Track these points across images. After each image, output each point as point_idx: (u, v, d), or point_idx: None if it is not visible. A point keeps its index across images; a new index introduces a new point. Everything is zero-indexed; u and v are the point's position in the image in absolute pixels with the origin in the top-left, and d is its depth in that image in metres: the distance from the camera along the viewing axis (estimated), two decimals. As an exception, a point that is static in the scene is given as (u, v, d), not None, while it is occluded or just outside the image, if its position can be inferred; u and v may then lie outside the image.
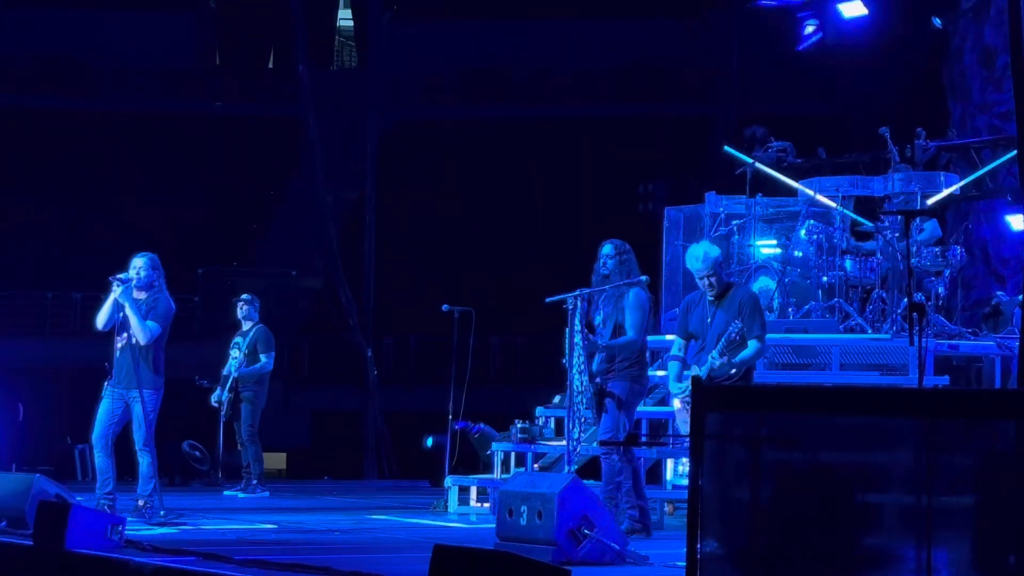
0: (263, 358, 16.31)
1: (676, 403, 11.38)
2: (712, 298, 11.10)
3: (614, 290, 11.31)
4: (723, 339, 10.84)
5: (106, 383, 12.51)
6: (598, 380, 11.29)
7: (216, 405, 16.33)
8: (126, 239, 16.72)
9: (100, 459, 12.47)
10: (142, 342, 12.27)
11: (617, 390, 11.28)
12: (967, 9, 21.37)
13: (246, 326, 16.50)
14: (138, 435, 12.36)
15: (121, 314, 12.30)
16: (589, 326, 11.46)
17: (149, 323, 12.32)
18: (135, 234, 20.80)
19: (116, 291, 12.30)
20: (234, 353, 16.36)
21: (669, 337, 11.83)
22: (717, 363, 10.82)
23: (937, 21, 20.97)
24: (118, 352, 12.41)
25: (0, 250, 28.63)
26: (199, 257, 28.22)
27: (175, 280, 12.84)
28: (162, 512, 12.40)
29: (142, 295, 12.45)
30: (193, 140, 31.82)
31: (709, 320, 11.08)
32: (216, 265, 29.10)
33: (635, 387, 11.38)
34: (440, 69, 32.97)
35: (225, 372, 16.36)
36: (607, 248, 11.46)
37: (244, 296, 16.78)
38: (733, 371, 10.88)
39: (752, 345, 10.94)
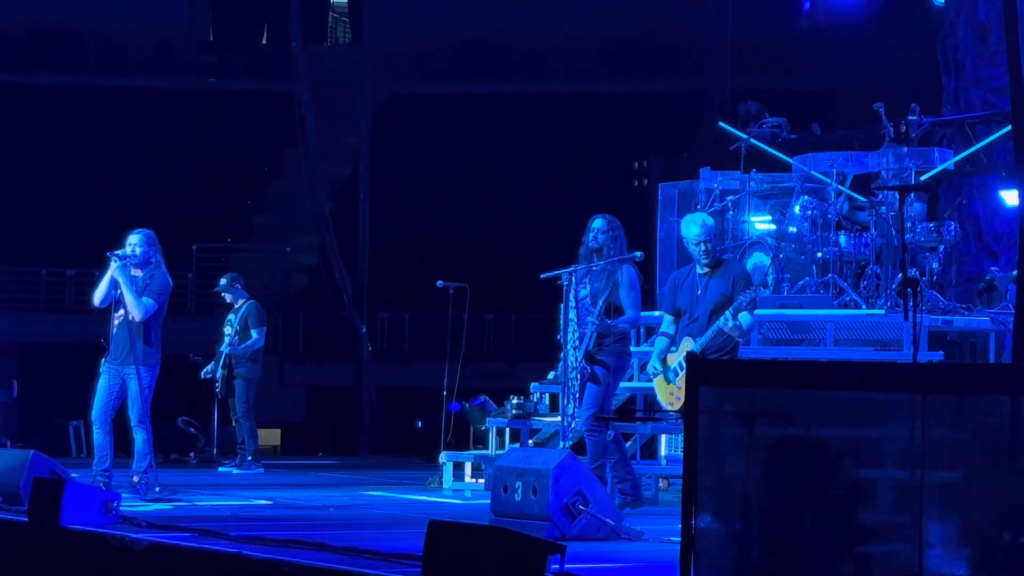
0: (254, 334, 16.32)
1: (656, 380, 11.42)
2: (705, 270, 11.11)
3: (607, 266, 11.30)
4: (732, 306, 10.83)
5: (103, 360, 12.52)
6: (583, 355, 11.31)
7: (206, 377, 16.37)
8: (120, 215, 16.71)
9: (99, 436, 12.48)
10: (137, 318, 12.26)
11: (605, 365, 11.29)
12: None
13: (238, 303, 16.53)
14: (133, 411, 12.37)
15: (118, 291, 12.30)
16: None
17: (145, 300, 12.32)
18: (129, 210, 20.80)
19: (113, 266, 12.30)
20: (227, 330, 16.39)
21: (658, 313, 11.84)
22: (731, 324, 10.79)
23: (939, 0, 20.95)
24: (115, 328, 12.41)
25: (10, 228, 28.62)
26: (193, 233, 28.21)
27: (169, 257, 12.85)
28: (157, 488, 12.42)
29: (139, 272, 12.45)
30: (187, 116, 31.79)
31: (700, 291, 11.09)
32: (210, 241, 29.09)
33: (620, 363, 11.39)
34: (434, 45, 32.96)
35: (220, 350, 16.40)
36: (598, 222, 11.42)
37: (221, 282, 16.79)
38: (741, 340, 10.96)
39: (745, 317, 10.96)
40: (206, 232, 29.04)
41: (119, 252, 12.38)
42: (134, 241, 12.54)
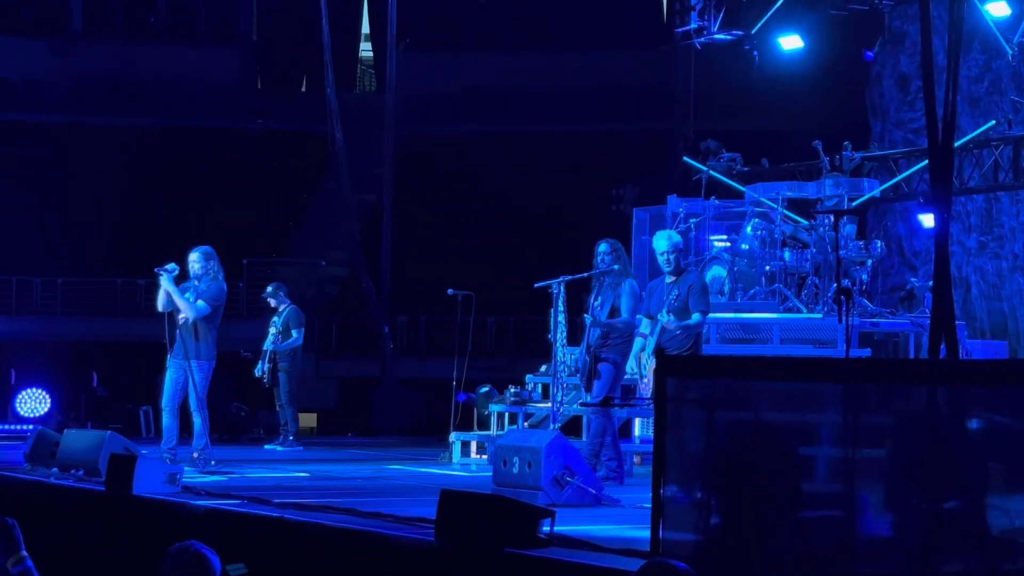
0: (294, 333, 16.26)
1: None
2: (671, 278, 11.12)
3: (613, 279, 11.26)
4: (666, 303, 10.88)
5: (169, 356, 12.50)
6: (593, 351, 11.26)
7: (259, 376, 16.31)
8: (183, 234, 16.62)
9: (167, 419, 12.48)
10: (190, 319, 12.23)
11: (611, 362, 11.26)
12: (886, 41, 21.42)
13: (281, 307, 16.47)
14: (192, 398, 12.37)
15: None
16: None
17: (199, 303, 12.28)
18: (191, 229, 20.67)
19: (163, 280, 12.25)
20: (271, 330, 16.34)
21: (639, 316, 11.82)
22: (665, 319, 10.83)
23: (869, 55, 20.97)
24: (179, 329, 12.40)
25: (77, 244, 28.61)
26: (244, 249, 28.17)
27: (226, 268, 12.81)
28: (213, 462, 12.41)
29: (199, 282, 12.44)
30: (240, 152, 31.84)
31: (665, 297, 11.09)
32: (258, 256, 29.07)
33: (624, 360, 11.36)
34: (444, 92, 33.02)
35: (265, 347, 16.34)
36: (604, 247, 11.38)
37: (268, 289, 16.69)
38: (679, 331, 10.85)
39: (695, 316, 10.94)
40: (255, 248, 29.02)
41: (166, 267, 12.32)
42: (194, 257, 12.52)
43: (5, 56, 32.05)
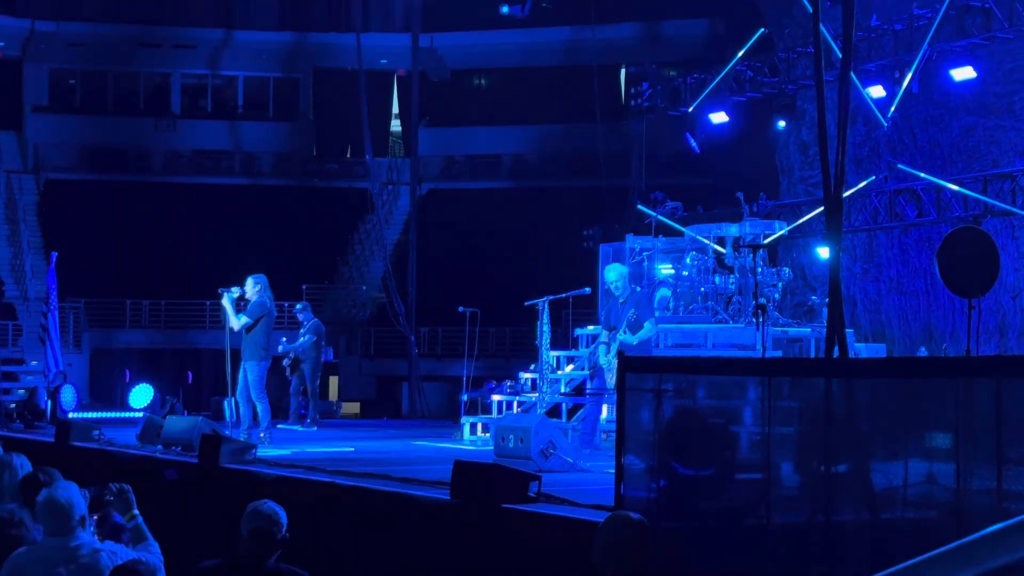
0: (308, 337, 15.93)
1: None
2: (622, 299, 11.13)
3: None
4: (625, 321, 10.88)
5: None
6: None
7: (285, 366, 16.13)
8: (257, 266, 16.61)
9: (242, 407, 12.44)
10: (235, 330, 12.20)
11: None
12: (791, 117, 21.48)
13: (306, 322, 16.14)
14: (253, 391, 12.33)
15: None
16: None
17: (241, 317, 12.22)
18: (263, 262, 20.71)
19: (223, 298, 12.22)
20: (301, 338, 16.09)
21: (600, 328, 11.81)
22: (624, 336, 10.85)
23: (780, 124, 21.06)
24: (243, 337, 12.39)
25: (175, 273, 28.57)
26: (303, 277, 28.17)
27: (289, 292, 12.76)
28: (268, 439, 12.30)
29: (253, 298, 12.41)
30: (301, 203, 31.87)
31: (619, 313, 11.11)
32: (314, 283, 29.05)
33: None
34: (455, 157, 33.10)
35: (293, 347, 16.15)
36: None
37: (296, 307, 16.50)
38: (636, 343, 10.88)
39: (647, 326, 10.95)
40: (311, 276, 29.02)
41: (229, 289, 12.30)
42: (248, 282, 12.51)
43: (124, 130, 32.23)
